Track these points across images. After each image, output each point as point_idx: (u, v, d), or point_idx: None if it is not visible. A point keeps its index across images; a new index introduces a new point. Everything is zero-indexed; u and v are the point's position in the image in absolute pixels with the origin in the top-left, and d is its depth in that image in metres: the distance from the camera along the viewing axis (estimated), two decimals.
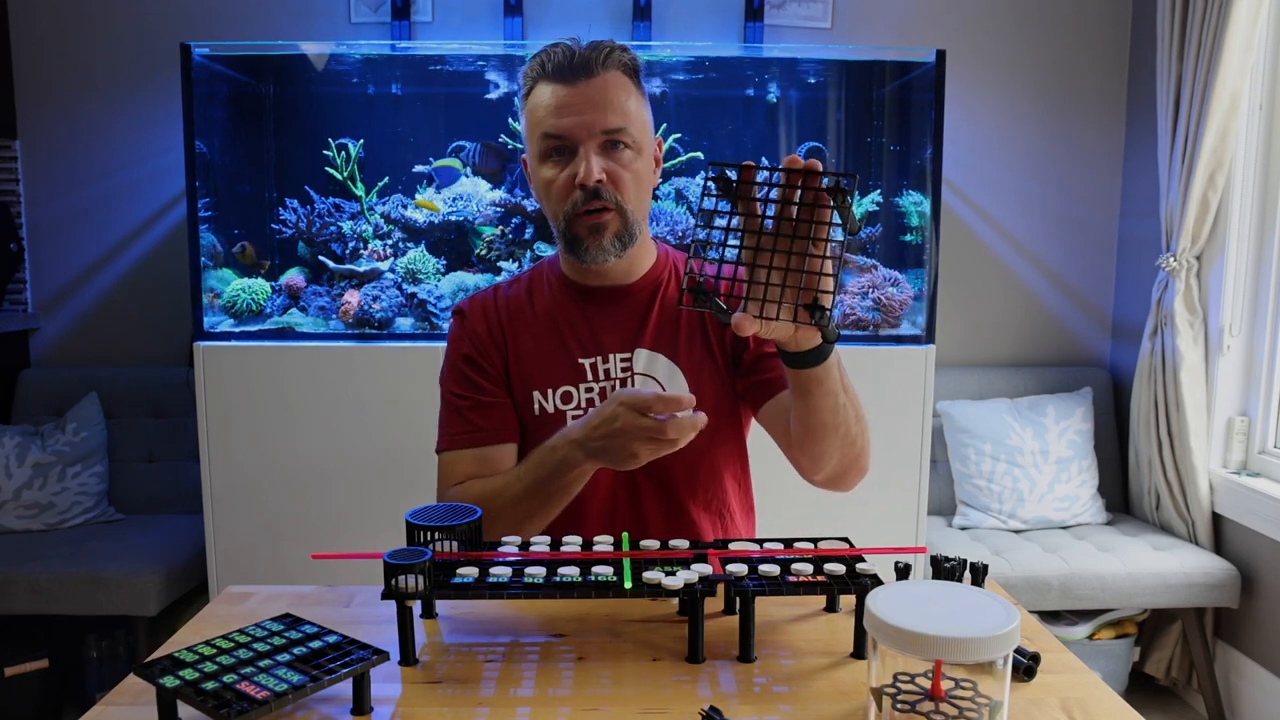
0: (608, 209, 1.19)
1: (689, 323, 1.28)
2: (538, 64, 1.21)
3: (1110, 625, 2.48)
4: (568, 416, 1.25)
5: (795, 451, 1.18)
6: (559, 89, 1.18)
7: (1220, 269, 2.48)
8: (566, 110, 1.17)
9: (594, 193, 1.17)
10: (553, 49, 1.20)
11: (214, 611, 1.05)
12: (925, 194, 2.45)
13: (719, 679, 0.89)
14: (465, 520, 0.98)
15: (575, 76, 1.17)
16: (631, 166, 1.20)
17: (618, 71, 1.19)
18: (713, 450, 1.27)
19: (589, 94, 1.17)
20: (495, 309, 1.31)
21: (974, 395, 2.78)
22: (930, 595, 0.77)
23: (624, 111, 1.18)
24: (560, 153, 1.19)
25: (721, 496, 1.30)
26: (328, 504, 2.33)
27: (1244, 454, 2.53)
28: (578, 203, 1.18)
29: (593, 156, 1.17)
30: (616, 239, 1.21)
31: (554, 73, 1.18)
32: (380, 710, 0.83)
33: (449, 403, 1.28)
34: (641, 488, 1.26)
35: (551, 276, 1.32)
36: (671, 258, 1.34)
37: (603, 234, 1.20)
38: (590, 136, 1.17)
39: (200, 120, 2.34)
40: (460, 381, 1.28)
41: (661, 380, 1.26)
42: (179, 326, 2.74)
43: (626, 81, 1.20)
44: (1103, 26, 2.84)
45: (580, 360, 1.26)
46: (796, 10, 2.76)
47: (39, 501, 2.50)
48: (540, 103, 1.20)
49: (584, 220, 1.19)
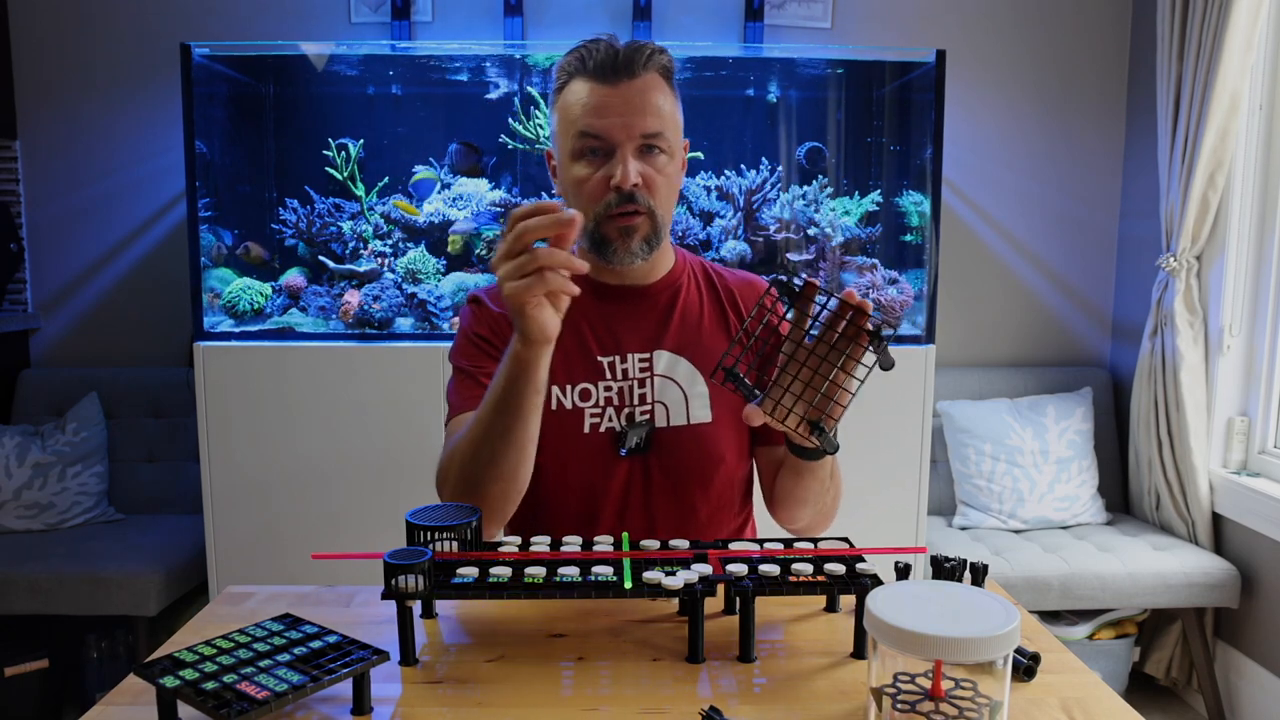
0: (640, 212, 1.18)
1: (713, 330, 1.28)
2: (577, 59, 1.18)
3: (1110, 625, 2.48)
4: (586, 414, 1.24)
5: (772, 504, 1.29)
6: (599, 87, 1.16)
7: (1220, 269, 2.48)
8: (607, 110, 1.15)
9: (629, 196, 1.16)
10: (593, 45, 1.17)
11: (214, 611, 1.05)
12: (925, 194, 2.45)
13: (719, 679, 0.89)
14: (465, 520, 0.98)
15: (618, 76, 1.16)
16: (665, 171, 1.19)
17: (656, 74, 1.18)
18: (726, 457, 1.27)
19: (629, 95, 1.16)
20: None
21: (974, 395, 2.78)
22: (930, 595, 0.77)
23: (662, 115, 1.18)
24: (595, 153, 1.18)
25: (732, 503, 1.31)
26: (328, 504, 2.33)
27: (1244, 454, 2.53)
28: (611, 205, 1.17)
29: (630, 160, 1.16)
30: (645, 242, 1.20)
31: (595, 70, 1.16)
32: (380, 710, 0.83)
33: (461, 372, 1.26)
34: (654, 489, 1.26)
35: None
36: (689, 261, 1.33)
37: (632, 237, 1.19)
38: (629, 139, 1.16)
39: (200, 120, 2.34)
40: (474, 355, 1.26)
41: (682, 384, 1.26)
42: (179, 326, 2.74)
43: (664, 84, 1.19)
44: (1103, 26, 2.84)
45: (599, 358, 1.25)
46: (796, 10, 2.76)
47: (39, 501, 2.50)
48: (578, 100, 1.17)
49: (615, 222, 1.18)
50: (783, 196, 2.56)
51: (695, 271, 1.33)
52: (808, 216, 2.54)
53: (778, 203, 2.54)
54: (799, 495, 1.20)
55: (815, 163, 2.64)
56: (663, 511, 1.26)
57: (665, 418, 1.25)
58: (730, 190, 2.53)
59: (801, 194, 2.57)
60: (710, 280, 1.33)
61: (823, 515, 1.25)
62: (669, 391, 1.26)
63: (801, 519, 1.25)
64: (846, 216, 2.57)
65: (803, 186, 2.59)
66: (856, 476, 1.34)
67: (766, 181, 2.53)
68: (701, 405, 1.26)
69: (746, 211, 2.53)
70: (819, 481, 1.17)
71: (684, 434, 1.25)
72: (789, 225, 2.53)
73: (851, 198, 2.60)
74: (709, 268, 1.35)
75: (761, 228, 2.53)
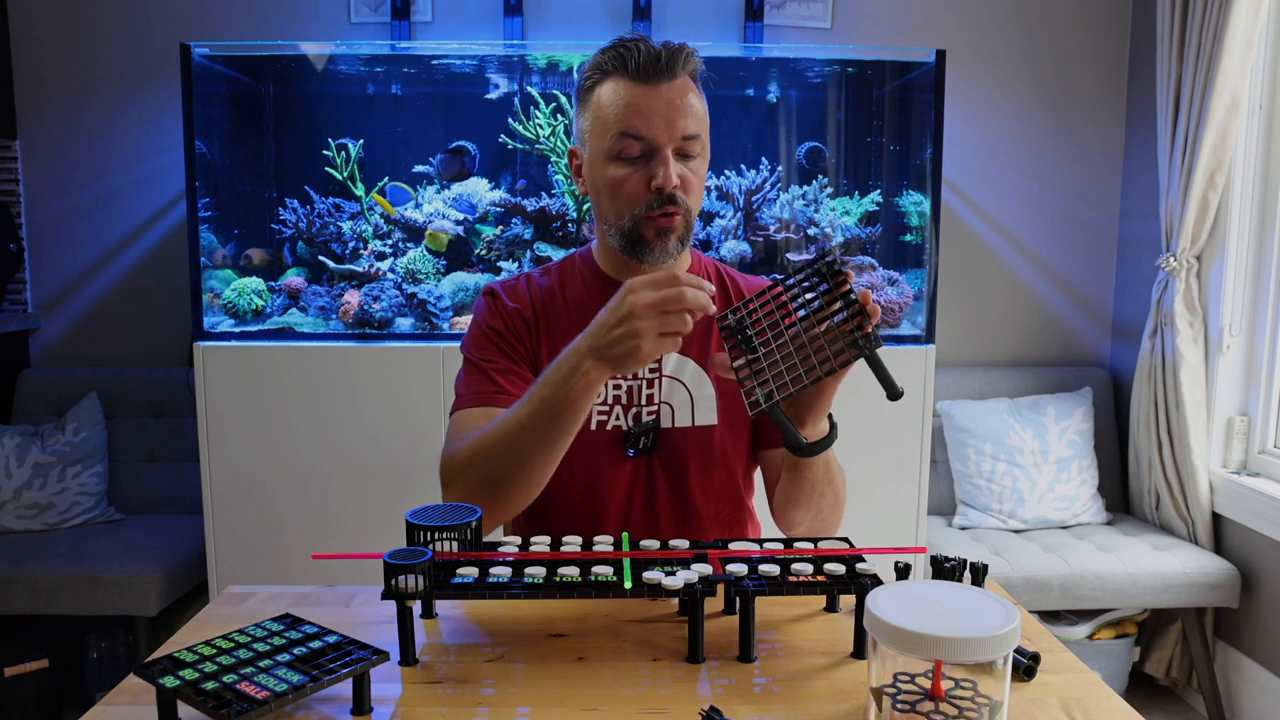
0: (679, 212, 1.18)
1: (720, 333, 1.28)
2: (615, 58, 1.17)
3: (1110, 625, 2.48)
4: (594, 411, 1.24)
5: (772, 506, 1.28)
6: (639, 88, 1.15)
7: (1220, 269, 2.48)
8: (649, 112, 1.15)
9: (669, 198, 1.17)
10: (633, 44, 1.16)
11: (214, 611, 1.05)
12: (925, 194, 2.45)
13: (719, 679, 0.89)
14: (465, 520, 0.98)
15: (660, 77, 1.15)
16: (699, 172, 1.20)
17: (689, 76, 1.19)
18: (730, 459, 1.28)
19: (670, 97, 1.15)
20: (529, 294, 1.29)
21: (974, 395, 2.78)
22: (930, 595, 0.77)
23: (698, 117, 1.18)
24: (634, 154, 1.17)
25: (735, 505, 1.31)
26: (328, 504, 2.33)
27: (1244, 454, 2.53)
28: (653, 206, 1.17)
29: (671, 161, 1.16)
30: (679, 241, 1.21)
31: (636, 71, 1.16)
32: (380, 710, 0.83)
33: (471, 364, 1.25)
34: (658, 489, 1.26)
35: (585, 270, 1.31)
36: (704, 263, 1.33)
37: (669, 237, 1.19)
38: (670, 141, 1.16)
39: (200, 120, 2.34)
40: (486, 348, 1.25)
41: (689, 385, 1.26)
42: (179, 326, 2.74)
43: (695, 86, 1.20)
44: (1103, 26, 2.84)
45: None
46: (796, 10, 2.76)
47: (39, 501, 2.50)
48: (617, 100, 1.17)
49: (655, 223, 1.18)
50: (782, 196, 2.56)
51: (709, 274, 1.33)
52: (808, 216, 2.54)
53: (777, 203, 2.54)
54: (794, 496, 1.19)
55: (815, 163, 2.64)
56: (666, 511, 1.26)
57: (671, 418, 1.25)
58: (730, 190, 2.54)
59: (801, 194, 2.57)
60: (723, 283, 1.33)
61: (820, 522, 1.23)
62: (676, 392, 1.26)
63: (798, 523, 1.23)
64: (846, 216, 2.57)
65: (803, 186, 2.59)
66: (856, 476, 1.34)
67: (766, 181, 2.53)
68: (708, 407, 1.26)
69: (746, 211, 2.53)
70: (808, 483, 1.16)
71: (690, 435, 1.26)
72: (789, 225, 2.53)
73: (851, 198, 2.60)
74: (723, 270, 1.35)
75: (761, 228, 2.53)
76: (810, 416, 1.06)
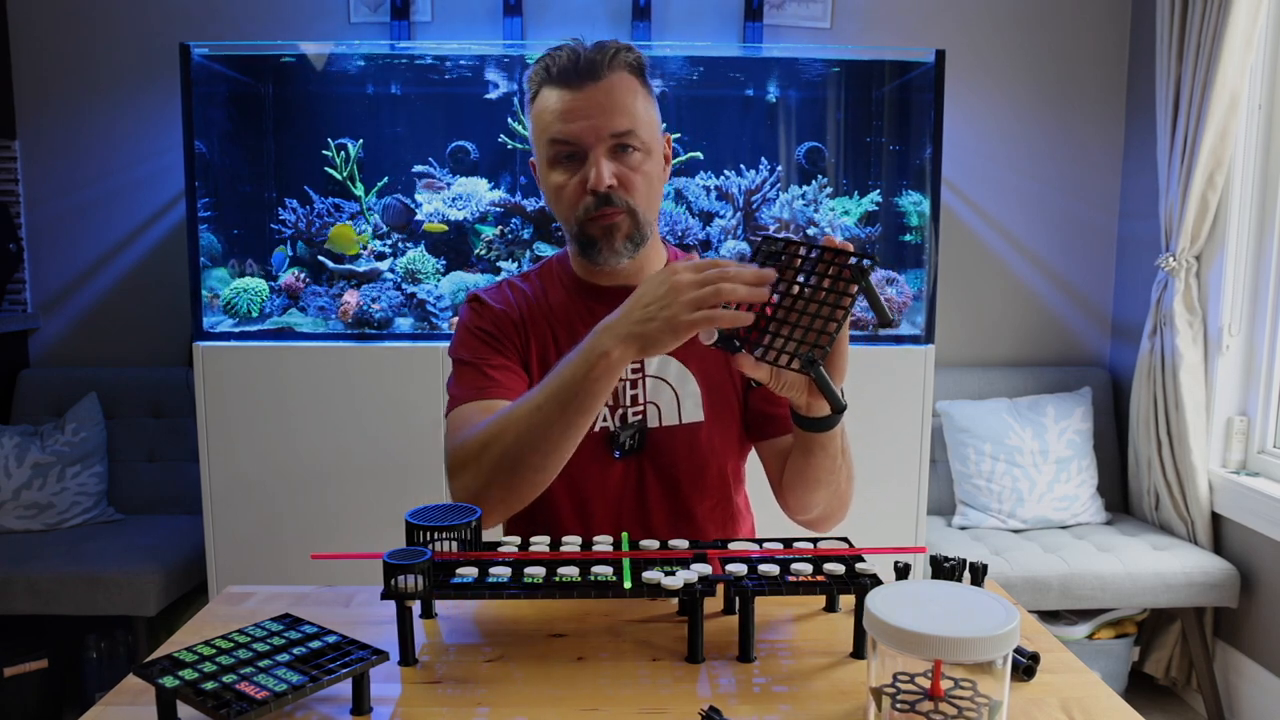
0: (619, 211, 1.18)
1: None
2: (542, 68, 1.19)
3: (1110, 625, 2.48)
4: None
5: (784, 493, 1.24)
6: (565, 94, 1.16)
7: (1219, 269, 2.48)
8: (574, 115, 1.16)
9: (605, 198, 1.17)
10: (556, 52, 1.18)
11: (214, 611, 1.05)
12: (925, 194, 2.45)
13: (719, 679, 0.89)
14: (465, 520, 0.98)
15: (582, 81, 1.16)
16: (641, 168, 1.19)
17: (624, 72, 1.18)
18: (719, 455, 1.27)
19: (596, 98, 1.16)
20: (514, 298, 1.30)
21: (974, 395, 2.78)
22: (930, 595, 0.77)
23: (632, 114, 1.17)
24: (569, 158, 1.18)
25: (727, 501, 1.31)
26: (327, 504, 2.33)
27: (1243, 454, 2.53)
28: (590, 208, 1.17)
29: (603, 161, 1.16)
30: (629, 240, 1.20)
31: (559, 77, 1.17)
32: (380, 710, 0.83)
33: (463, 364, 1.25)
34: (649, 489, 1.26)
35: (563, 275, 1.31)
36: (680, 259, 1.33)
37: (615, 236, 1.19)
38: (599, 141, 1.16)
39: (200, 120, 2.34)
40: (478, 348, 1.25)
41: (674, 383, 1.26)
42: (179, 326, 2.74)
43: (634, 82, 1.19)
44: (1103, 26, 2.84)
45: None
46: (796, 10, 2.76)
47: (39, 501, 2.50)
48: (546, 108, 1.18)
49: (596, 224, 1.19)
50: (782, 196, 2.56)
51: None
52: (807, 216, 2.54)
53: (777, 202, 2.54)
54: (811, 476, 1.15)
55: (815, 162, 2.64)
56: (658, 510, 1.26)
57: (658, 418, 1.25)
58: (730, 190, 2.54)
59: (801, 194, 2.57)
60: None
61: (838, 499, 1.20)
62: (661, 392, 1.26)
63: (816, 504, 1.20)
64: (846, 216, 2.57)
65: (802, 186, 2.59)
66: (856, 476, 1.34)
67: (766, 181, 2.53)
68: (694, 405, 1.26)
69: (746, 211, 2.53)
70: (830, 458, 1.13)
71: (677, 433, 1.25)
72: (788, 225, 2.53)
73: (851, 197, 2.60)
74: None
75: (761, 227, 2.53)
76: (837, 374, 1.04)
